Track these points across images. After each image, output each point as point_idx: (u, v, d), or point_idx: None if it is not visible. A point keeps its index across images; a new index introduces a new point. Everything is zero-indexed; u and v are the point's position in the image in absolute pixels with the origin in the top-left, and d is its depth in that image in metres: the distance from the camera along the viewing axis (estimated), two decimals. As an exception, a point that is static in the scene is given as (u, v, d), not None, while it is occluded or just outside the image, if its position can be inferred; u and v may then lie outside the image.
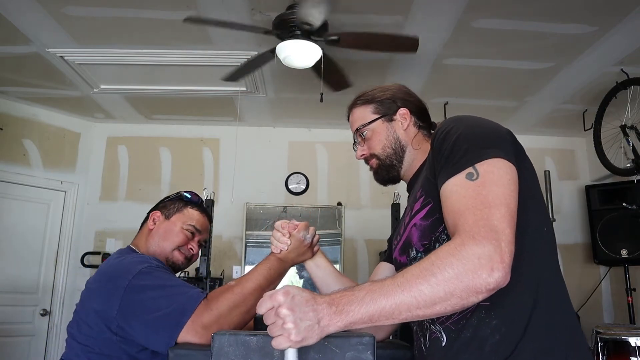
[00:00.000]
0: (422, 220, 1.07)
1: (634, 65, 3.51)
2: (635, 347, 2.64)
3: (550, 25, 3.07)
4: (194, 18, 2.84)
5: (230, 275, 4.76)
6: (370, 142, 1.31)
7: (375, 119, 1.30)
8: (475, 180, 0.94)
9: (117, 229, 4.85)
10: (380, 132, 1.30)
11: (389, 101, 1.30)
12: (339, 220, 4.94)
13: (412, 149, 1.28)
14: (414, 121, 1.30)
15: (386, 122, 1.30)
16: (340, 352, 0.90)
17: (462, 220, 0.90)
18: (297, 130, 5.11)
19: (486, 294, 0.85)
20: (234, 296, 1.27)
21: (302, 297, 0.85)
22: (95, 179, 4.98)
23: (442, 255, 0.87)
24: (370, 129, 1.31)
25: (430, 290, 0.84)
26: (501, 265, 0.85)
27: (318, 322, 0.84)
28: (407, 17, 3.03)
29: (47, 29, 3.20)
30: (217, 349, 0.88)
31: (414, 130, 1.30)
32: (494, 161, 0.95)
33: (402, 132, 1.29)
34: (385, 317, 0.85)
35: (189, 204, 1.71)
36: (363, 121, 1.32)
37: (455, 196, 0.95)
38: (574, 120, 4.49)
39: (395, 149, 1.28)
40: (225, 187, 4.82)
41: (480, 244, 0.85)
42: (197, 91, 4.21)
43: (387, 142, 1.29)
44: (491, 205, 0.90)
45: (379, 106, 1.31)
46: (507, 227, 0.88)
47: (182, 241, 1.60)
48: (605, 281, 4.63)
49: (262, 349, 0.89)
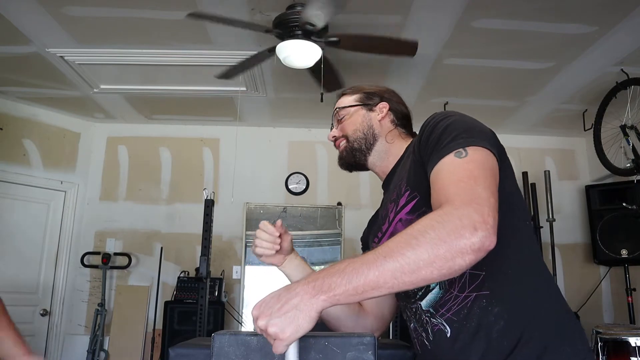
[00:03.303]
0: (407, 215, 1.08)
1: (634, 65, 3.51)
2: (635, 347, 2.64)
3: (550, 25, 3.07)
4: (196, 14, 2.83)
5: (230, 275, 4.76)
6: (344, 124, 1.34)
7: (355, 105, 1.34)
8: (463, 157, 0.96)
9: (117, 229, 4.85)
10: (356, 117, 1.32)
11: (374, 94, 1.35)
12: (339, 220, 4.94)
13: (384, 141, 1.30)
14: (392, 119, 1.33)
15: (364, 110, 1.33)
16: (341, 352, 0.89)
17: (446, 191, 0.91)
18: (297, 130, 5.11)
19: (473, 256, 0.83)
20: None
21: (273, 297, 0.85)
22: (95, 179, 4.98)
23: (423, 220, 0.87)
24: (347, 113, 1.34)
25: (414, 253, 0.82)
26: (484, 225, 0.83)
27: (296, 307, 0.81)
28: (407, 17, 3.03)
29: (47, 29, 3.20)
30: (218, 348, 0.88)
31: (389, 125, 1.32)
32: (481, 149, 0.97)
33: (376, 122, 1.31)
34: (371, 287, 0.82)
35: None
36: (343, 105, 1.36)
37: (443, 173, 0.96)
38: (574, 120, 4.49)
39: (366, 135, 1.30)
40: (225, 187, 4.82)
41: (461, 207, 0.86)
42: (197, 91, 4.20)
43: (360, 127, 1.31)
44: (476, 177, 0.92)
45: (363, 96, 1.35)
46: (490, 195, 0.89)
47: None
48: (605, 281, 4.63)
49: (263, 349, 0.89)
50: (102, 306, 4.52)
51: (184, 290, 4.40)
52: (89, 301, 4.68)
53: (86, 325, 4.60)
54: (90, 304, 4.66)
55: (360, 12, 2.97)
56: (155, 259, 4.70)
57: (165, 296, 4.54)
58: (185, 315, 4.24)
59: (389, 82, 3.62)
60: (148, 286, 4.74)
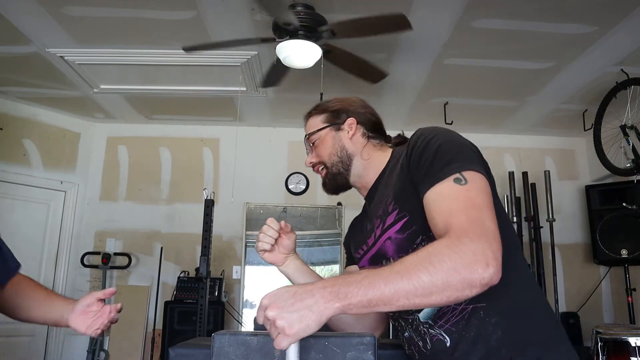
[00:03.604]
0: (397, 234, 1.11)
1: (634, 65, 3.51)
2: (635, 347, 2.64)
3: (550, 25, 3.07)
4: (190, 47, 3.04)
5: (230, 275, 4.76)
6: (318, 149, 1.33)
7: (323, 128, 1.32)
8: (463, 184, 1.00)
9: (117, 229, 4.85)
10: (327, 140, 1.31)
11: (340, 111, 1.33)
12: (339, 220, 4.94)
13: (360, 159, 1.30)
14: (363, 132, 1.31)
15: (333, 130, 1.31)
16: (341, 352, 0.89)
17: (455, 219, 0.95)
18: (297, 130, 5.03)
19: (479, 289, 0.89)
20: None
21: (288, 291, 0.86)
22: (95, 179, 4.98)
23: (439, 248, 0.90)
24: (318, 137, 1.33)
25: (429, 279, 0.86)
26: (495, 262, 0.89)
27: (309, 308, 0.83)
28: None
29: (47, 29, 3.20)
30: (218, 348, 0.88)
31: (361, 140, 1.31)
32: (476, 174, 1.02)
33: (348, 141, 1.30)
34: (383, 302, 0.86)
35: None
36: (312, 129, 1.34)
37: (445, 199, 1.00)
38: (574, 120, 4.49)
39: (342, 157, 1.30)
40: (225, 187, 4.82)
41: (475, 241, 0.90)
42: (197, 91, 4.20)
43: (333, 150, 1.30)
44: (482, 208, 0.97)
45: (330, 115, 1.33)
46: (496, 228, 0.95)
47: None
48: (605, 281, 4.63)
49: (263, 348, 0.89)
50: (102, 306, 4.51)
51: (184, 290, 4.40)
52: (89, 301, 4.67)
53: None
54: (90, 304, 4.65)
55: (360, 12, 2.96)
56: (155, 259, 4.70)
57: (165, 296, 4.54)
58: (185, 315, 4.24)
59: (389, 81, 3.61)
60: (148, 286, 4.74)
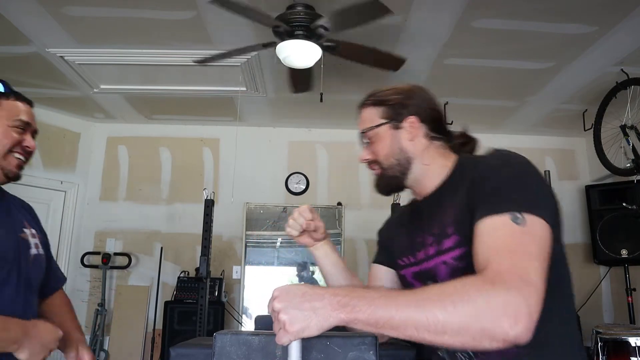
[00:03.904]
0: (455, 261, 1.03)
1: (634, 65, 3.51)
2: (635, 347, 2.64)
3: (550, 25, 3.07)
4: (200, 61, 3.04)
5: (230, 275, 4.76)
6: (374, 147, 1.19)
7: (381, 124, 1.18)
8: (520, 224, 0.90)
9: (117, 229, 4.85)
10: (385, 139, 1.18)
11: (399, 106, 1.18)
12: (339, 220, 4.94)
13: (420, 164, 1.17)
14: (425, 132, 1.17)
15: (392, 129, 1.17)
16: (342, 352, 0.89)
17: (498, 260, 0.86)
18: (297, 130, 5.11)
19: (501, 345, 0.80)
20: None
21: (300, 289, 0.85)
22: (95, 179, 4.98)
23: (468, 287, 0.83)
24: (375, 134, 1.19)
25: (445, 317, 0.80)
26: (527, 319, 0.79)
27: (314, 311, 0.82)
28: (407, 17, 3.03)
29: (47, 29, 3.20)
30: (219, 348, 0.88)
31: (423, 142, 1.17)
32: (539, 219, 0.92)
33: (407, 143, 1.16)
34: (390, 327, 0.82)
35: (3, 95, 1.41)
36: (369, 124, 1.20)
37: (496, 233, 0.91)
38: (574, 120, 4.49)
39: (400, 160, 1.17)
40: (225, 187, 4.82)
41: (511, 291, 0.81)
42: (197, 91, 4.20)
43: (391, 151, 1.17)
44: (532, 256, 0.87)
45: (388, 110, 1.18)
46: (542, 282, 0.84)
47: (14, 141, 1.37)
48: (605, 281, 4.63)
49: (264, 348, 0.89)
50: (102, 306, 4.52)
51: (184, 290, 4.40)
52: (89, 301, 4.68)
53: (86, 325, 4.59)
54: (90, 304, 4.66)
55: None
56: (155, 259, 4.70)
57: (165, 296, 4.54)
58: (185, 315, 4.24)
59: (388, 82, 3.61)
60: (148, 286, 4.74)
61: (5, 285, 1.32)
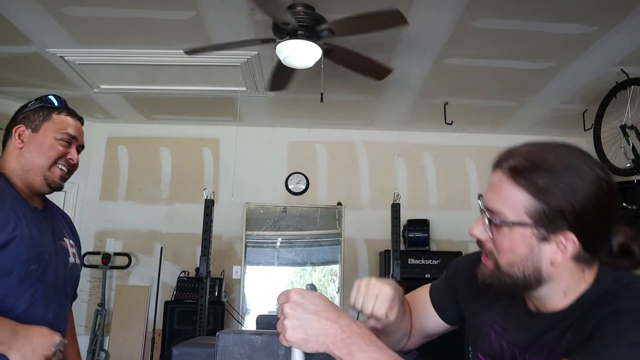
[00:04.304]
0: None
1: (634, 65, 3.51)
2: (636, 347, 2.64)
3: (550, 25, 3.07)
4: (191, 50, 3.02)
5: (230, 275, 4.76)
6: (499, 240, 0.87)
7: (524, 224, 0.83)
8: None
9: (117, 228, 4.85)
10: (519, 245, 0.85)
11: (558, 211, 0.81)
12: (339, 220, 4.94)
13: (554, 289, 0.87)
14: (577, 252, 0.84)
15: (535, 237, 0.83)
16: (344, 352, 0.89)
17: None
18: (297, 130, 5.11)
19: None
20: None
21: (315, 305, 0.82)
22: (95, 179, 4.98)
23: None
24: (507, 228, 0.85)
25: None
26: None
27: (317, 336, 0.80)
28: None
29: (47, 29, 3.20)
30: (222, 347, 0.88)
31: (569, 265, 0.85)
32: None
33: (547, 263, 0.85)
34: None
35: (55, 109, 1.49)
36: (507, 209, 0.85)
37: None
38: (574, 120, 4.50)
39: (527, 277, 0.86)
40: (225, 187, 4.82)
41: None
42: (197, 91, 4.20)
43: (520, 263, 0.86)
44: None
45: (541, 208, 0.82)
46: None
47: (59, 153, 1.43)
48: (605, 281, 4.63)
49: (267, 347, 0.89)
50: (102, 306, 4.52)
51: (184, 290, 4.40)
52: (89, 301, 4.68)
53: (86, 325, 4.59)
54: (90, 304, 4.66)
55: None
56: (155, 259, 4.70)
57: (165, 296, 4.54)
58: (185, 315, 4.24)
59: (389, 81, 3.61)
60: (148, 286, 4.74)
61: (39, 283, 1.34)
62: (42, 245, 1.36)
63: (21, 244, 1.28)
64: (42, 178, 1.41)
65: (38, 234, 1.36)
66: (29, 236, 1.31)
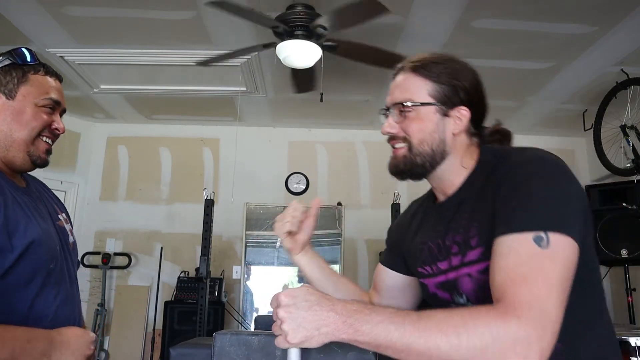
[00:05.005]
0: (480, 274, 0.95)
1: (634, 65, 3.51)
2: (635, 347, 2.64)
3: (550, 25, 3.07)
4: (202, 62, 2.98)
5: (230, 275, 4.76)
6: (409, 124, 1.04)
7: (429, 104, 1.03)
8: (543, 247, 0.82)
9: (117, 228, 4.85)
10: (426, 122, 1.03)
11: (452, 88, 1.03)
12: (339, 220, 4.94)
13: (452, 161, 1.05)
14: (469, 127, 1.05)
15: (439, 113, 1.03)
16: (342, 352, 0.89)
17: (513, 290, 0.80)
18: (297, 130, 5.11)
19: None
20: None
21: (307, 301, 0.83)
22: (95, 179, 4.98)
23: (477, 320, 0.78)
24: (416, 111, 1.03)
25: (448, 349, 0.77)
26: (538, 355, 0.76)
27: (318, 328, 0.81)
28: (407, 17, 3.03)
29: (47, 29, 3.20)
30: (219, 348, 0.88)
31: (464, 140, 1.05)
32: (566, 238, 0.84)
33: (450, 136, 1.03)
34: (392, 351, 0.80)
35: (30, 68, 1.23)
36: (413, 96, 1.04)
37: (514, 256, 0.83)
38: (574, 120, 4.50)
39: (435, 151, 1.03)
40: (225, 187, 4.82)
41: (524, 327, 0.76)
42: (197, 91, 4.20)
43: (430, 138, 1.03)
44: (552, 286, 0.80)
45: (440, 90, 1.03)
46: (559, 316, 0.79)
47: (43, 123, 1.20)
48: (605, 281, 4.63)
49: (264, 348, 0.89)
50: (102, 306, 4.52)
51: (184, 290, 4.40)
52: (89, 301, 4.68)
53: (86, 326, 4.60)
54: (90, 304, 4.66)
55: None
56: (155, 259, 4.71)
57: (165, 296, 4.54)
58: (185, 315, 4.24)
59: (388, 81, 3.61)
60: (148, 286, 4.74)
61: (61, 281, 1.21)
62: (51, 236, 1.19)
63: (39, 244, 1.12)
64: (24, 154, 1.18)
65: (45, 225, 1.18)
66: (40, 231, 1.14)
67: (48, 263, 1.15)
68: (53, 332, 1.10)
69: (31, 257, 1.10)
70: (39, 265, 1.12)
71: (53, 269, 1.17)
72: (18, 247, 1.07)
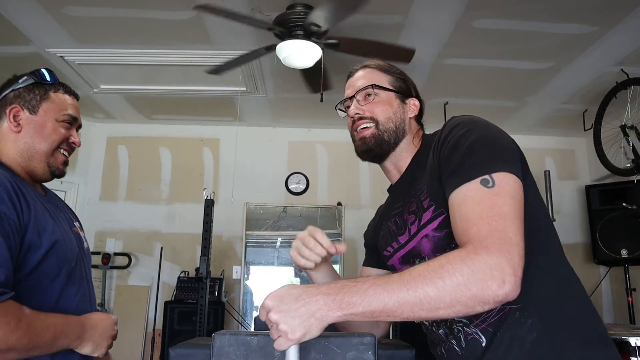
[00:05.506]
0: (435, 232, 1.04)
1: (634, 65, 3.51)
2: (635, 347, 2.64)
3: (550, 25, 3.07)
4: (204, 6, 2.83)
5: (230, 275, 4.76)
6: (376, 106, 1.20)
7: (392, 90, 1.22)
8: (490, 187, 0.93)
9: (117, 229, 4.85)
10: (391, 104, 1.21)
11: (405, 84, 1.25)
12: (339, 220, 4.94)
13: (409, 141, 1.21)
14: (417, 114, 1.25)
15: (399, 99, 1.22)
16: (341, 352, 0.89)
17: (475, 229, 0.89)
18: (297, 130, 5.11)
19: (492, 306, 0.85)
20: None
21: (292, 295, 0.85)
22: (95, 179, 4.98)
23: (453, 260, 0.86)
24: (382, 94, 1.21)
25: (437, 293, 0.83)
26: (513, 278, 0.84)
27: (313, 314, 0.83)
28: (407, 17, 3.03)
29: (47, 29, 3.20)
30: (218, 348, 0.88)
31: (415, 125, 1.24)
32: (508, 175, 0.95)
33: (407, 119, 1.22)
34: (386, 314, 0.84)
35: (51, 87, 1.36)
36: (378, 81, 1.22)
37: (469, 202, 0.93)
38: (574, 120, 4.49)
39: (398, 129, 1.20)
40: (225, 187, 4.82)
41: (494, 255, 0.85)
42: (197, 91, 4.20)
43: (394, 117, 1.20)
44: (507, 217, 0.90)
45: (397, 82, 1.24)
46: (520, 240, 0.88)
47: (62, 137, 1.34)
48: (605, 281, 4.63)
49: (263, 349, 0.89)
50: (102, 306, 4.52)
51: (184, 290, 4.39)
52: (89, 301, 4.68)
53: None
54: (90, 304, 4.66)
55: (360, 12, 2.96)
56: (155, 259, 4.70)
57: (165, 296, 4.54)
58: (185, 315, 4.23)
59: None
60: (148, 286, 4.74)
61: (82, 279, 1.32)
62: (71, 239, 1.31)
63: (63, 244, 1.23)
64: (45, 165, 1.31)
65: (66, 228, 1.30)
66: (63, 233, 1.26)
67: (70, 262, 1.26)
68: (82, 317, 1.25)
69: (56, 255, 1.21)
70: (63, 263, 1.23)
71: (74, 268, 1.28)
72: (45, 245, 1.18)
